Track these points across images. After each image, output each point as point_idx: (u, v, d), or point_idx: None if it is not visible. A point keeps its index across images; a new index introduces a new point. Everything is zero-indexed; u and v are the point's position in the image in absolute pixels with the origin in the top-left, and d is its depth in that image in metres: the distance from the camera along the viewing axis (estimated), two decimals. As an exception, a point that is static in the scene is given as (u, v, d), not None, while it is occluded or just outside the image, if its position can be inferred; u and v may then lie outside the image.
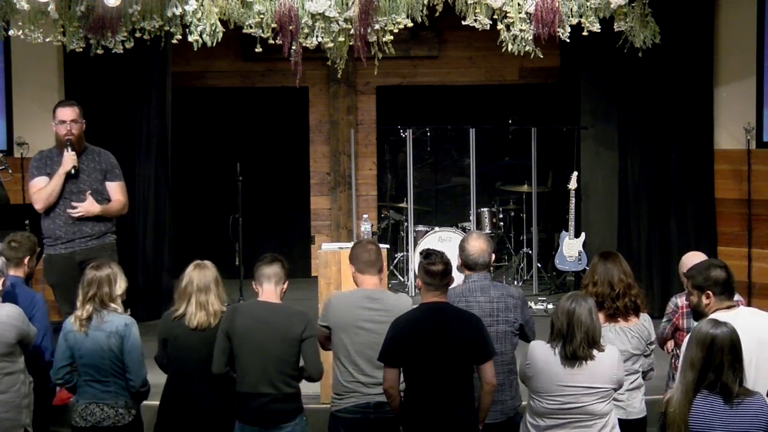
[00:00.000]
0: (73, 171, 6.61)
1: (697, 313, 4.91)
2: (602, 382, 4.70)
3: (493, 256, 5.41)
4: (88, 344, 5.16)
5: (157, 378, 5.45)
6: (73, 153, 6.61)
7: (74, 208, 6.60)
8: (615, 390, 4.79)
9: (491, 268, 5.50)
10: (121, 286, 5.30)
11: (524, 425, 4.87)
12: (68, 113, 6.63)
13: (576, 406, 4.67)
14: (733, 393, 4.12)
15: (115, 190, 6.84)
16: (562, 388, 4.67)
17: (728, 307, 4.79)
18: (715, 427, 4.12)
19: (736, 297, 5.13)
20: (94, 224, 6.71)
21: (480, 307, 5.18)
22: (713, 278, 4.82)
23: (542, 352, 4.75)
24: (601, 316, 5.09)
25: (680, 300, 5.51)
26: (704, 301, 4.82)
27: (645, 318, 5.27)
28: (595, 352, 4.69)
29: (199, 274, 5.18)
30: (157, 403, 5.35)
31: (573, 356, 4.66)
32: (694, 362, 4.17)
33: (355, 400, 5.15)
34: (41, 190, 6.61)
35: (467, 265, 5.33)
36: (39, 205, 6.62)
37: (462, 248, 5.35)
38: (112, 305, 5.23)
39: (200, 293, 5.14)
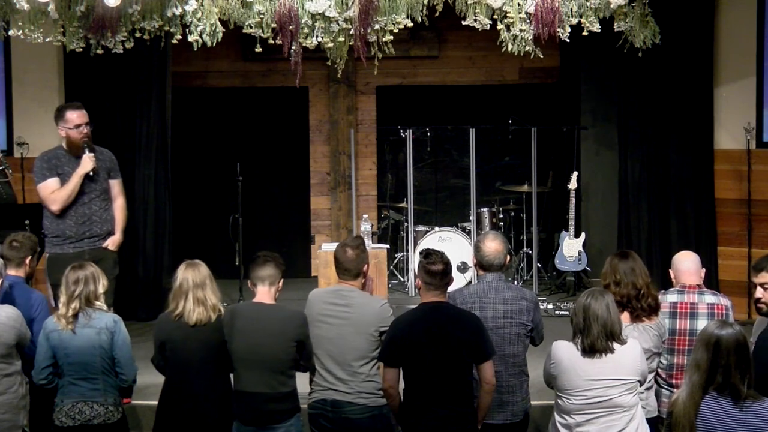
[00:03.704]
0: (92, 172, 6.70)
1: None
2: (627, 373, 4.72)
3: (508, 258, 5.42)
4: (76, 342, 5.15)
5: (153, 378, 5.45)
6: (92, 154, 6.71)
7: (85, 204, 6.69)
8: (640, 383, 4.82)
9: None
10: (103, 284, 5.32)
11: (553, 426, 4.89)
12: (82, 116, 6.71)
13: (603, 399, 4.70)
14: (741, 394, 4.09)
15: (118, 188, 6.98)
16: (588, 382, 4.70)
17: None
18: (723, 429, 4.10)
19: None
20: (102, 224, 6.80)
21: (494, 308, 5.19)
22: None
23: (566, 350, 4.78)
24: (625, 316, 5.12)
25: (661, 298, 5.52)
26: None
27: (660, 316, 5.28)
28: (615, 345, 4.72)
29: (194, 272, 5.20)
30: (156, 403, 5.34)
31: (591, 349, 4.69)
32: (699, 363, 4.15)
33: (317, 395, 5.21)
34: (59, 191, 6.65)
35: (482, 265, 5.33)
36: (57, 206, 6.64)
37: (477, 248, 5.35)
38: (98, 303, 5.25)
39: (197, 289, 5.16)
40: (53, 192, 6.65)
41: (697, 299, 5.40)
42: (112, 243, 6.86)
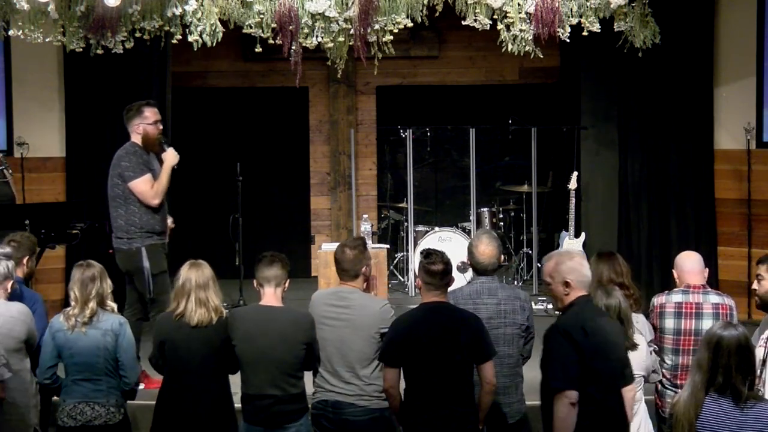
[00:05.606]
0: (176, 166, 6.76)
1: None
2: (636, 369, 4.77)
3: (502, 257, 5.40)
4: (81, 343, 5.15)
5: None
6: (172, 148, 6.76)
7: (165, 200, 6.79)
8: (644, 378, 4.85)
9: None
10: (109, 284, 5.32)
11: None
12: (157, 113, 6.76)
13: None
14: (742, 396, 4.07)
15: None
16: None
17: None
18: (723, 430, 4.08)
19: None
20: (167, 219, 6.93)
21: (487, 309, 5.17)
22: None
23: None
24: None
25: (657, 299, 5.50)
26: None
27: (637, 319, 5.22)
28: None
29: (197, 272, 5.18)
30: (153, 403, 5.33)
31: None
32: (701, 363, 4.15)
33: (319, 396, 5.22)
34: (157, 184, 6.64)
35: (475, 269, 5.32)
36: (158, 200, 6.65)
37: (471, 252, 5.33)
38: (109, 303, 5.26)
39: (199, 290, 5.13)
40: (152, 187, 6.63)
41: (702, 299, 5.38)
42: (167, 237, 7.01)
